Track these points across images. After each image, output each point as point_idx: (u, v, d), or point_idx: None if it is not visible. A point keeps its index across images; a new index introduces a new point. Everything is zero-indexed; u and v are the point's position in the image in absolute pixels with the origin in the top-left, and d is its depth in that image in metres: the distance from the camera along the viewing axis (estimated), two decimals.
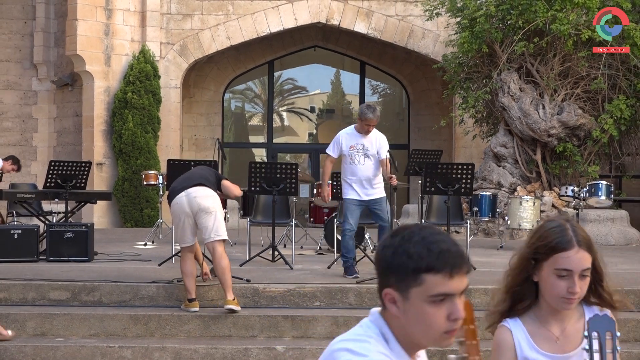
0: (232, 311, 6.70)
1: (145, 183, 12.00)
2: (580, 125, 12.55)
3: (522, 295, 2.42)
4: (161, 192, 11.77)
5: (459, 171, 8.80)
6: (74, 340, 6.59)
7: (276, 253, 8.64)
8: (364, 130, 7.97)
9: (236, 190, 7.30)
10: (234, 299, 6.74)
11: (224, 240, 6.91)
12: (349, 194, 7.90)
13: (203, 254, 7.54)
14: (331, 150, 8.11)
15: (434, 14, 13.73)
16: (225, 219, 7.46)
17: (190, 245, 6.89)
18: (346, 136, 8.09)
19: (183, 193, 6.83)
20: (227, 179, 7.27)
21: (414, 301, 1.65)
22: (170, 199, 7.02)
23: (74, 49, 15.04)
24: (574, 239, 2.33)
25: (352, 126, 8.23)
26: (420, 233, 1.70)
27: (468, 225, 9.38)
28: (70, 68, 15.78)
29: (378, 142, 7.98)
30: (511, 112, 12.76)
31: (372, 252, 9.82)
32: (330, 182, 9.40)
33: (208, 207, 6.79)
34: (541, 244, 2.35)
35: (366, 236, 9.98)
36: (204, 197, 6.81)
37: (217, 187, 7.06)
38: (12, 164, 11.37)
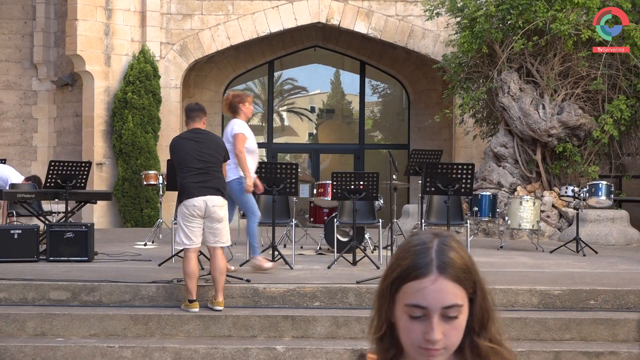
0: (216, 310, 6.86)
1: (145, 183, 12.00)
2: (580, 125, 12.55)
3: (385, 345, 1.65)
4: (161, 192, 11.77)
5: (459, 171, 8.80)
6: (74, 340, 6.59)
7: (276, 253, 8.64)
8: None
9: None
10: (222, 301, 6.86)
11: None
12: None
13: (201, 252, 7.54)
14: None
15: (434, 14, 13.73)
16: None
17: (196, 247, 6.90)
18: None
19: (202, 198, 6.81)
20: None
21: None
22: (185, 195, 6.88)
23: (74, 49, 15.05)
24: (434, 262, 1.54)
25: None
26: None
27: (468, 225, 9.38)
28: (70, 68, 15.78)
29: None
30: (511, 112, 12.76)
31: (372, 252, 9.82)
32: (331, 182, 9.41)
33: (222, 218, 6.93)
34: (397, 269, 1.58)
35: (366, 236, 9.98)
36: (220, 207, 6.90)
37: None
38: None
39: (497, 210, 10.95)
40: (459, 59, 13.66)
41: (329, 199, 9.98)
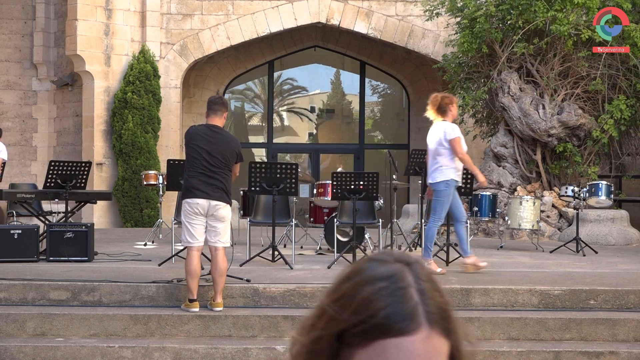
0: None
1: (145, 183, 11.99)
2: (580, 125, 12.56)
3: None
4: (161, 192, 11.77)
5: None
6: (74, 340, 6.59)
7: (276, 253, 8.64)
8: None
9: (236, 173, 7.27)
10: (221, 302, 6.86)
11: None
12: None
13: (202, 253, 7.54)
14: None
15: (434, 14, 13.74)
16: None
17: (199, 246, 6.89)
18: None
19: (206, 199, 6.80)
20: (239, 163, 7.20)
21: None
22: (188, 194, 6.87)
23: (74, 49, 15.04)
24: (419, 309, 1.10)
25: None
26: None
27: (468, 225, 9.38)
28: (70, 68, 15.78)
29: None
30: (511, 112, 12.77)
31: (372, 252, 9.83)
32: (331, 182, 9.40)
33: (224, 217, 6.90)
34: (355, 317, 1.09)
35: (366, 236, 9.98)
36: (223, 207, 6.89)
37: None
38: None
39: (497, 210, 10.95)
40: (459, 59, 13.66)
41: (329, 199, 9.98)
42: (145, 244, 10.99)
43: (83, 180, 9.70)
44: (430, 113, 8.07)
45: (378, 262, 1.14)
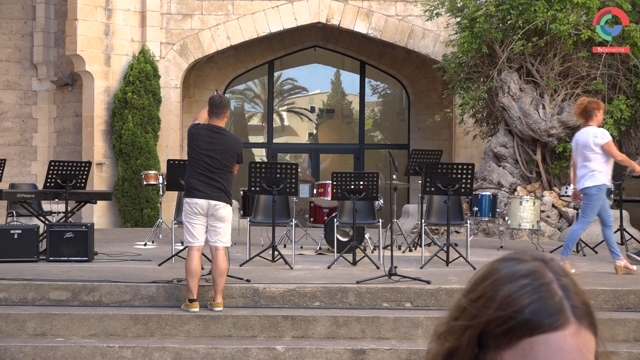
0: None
1: (145, 183, 11.99)
2: (580, 125, 12.55)
3: None
4: (161, 192, 11.77)
5: (459, 171, 8.80)
6: (74, 340, 6.59)
7: (276, 253, 8.64)
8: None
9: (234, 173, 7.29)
10: (221, 302, 6.86)
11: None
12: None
13: (202, 253, 7.54)
14: None
15: (434, 14, 13.73)
16: None
17: (199, 245, 6.90)
18: None
19: (205, 199, 6.81)
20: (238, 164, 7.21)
21: None
22: (189, 194, 6.89)
23: (74, 49, 15.05)
24: (565, 303, 1.07)
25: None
26: None
27: (468, 225, 9.38)
28: (70, 68, 15.78)
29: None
30: (511, 112, 12.77)
31: (372, 252, 9.83)
32: (331, 182, 9.40)
33: (224, 217, 6.91)
34: (499, 314, 1.07)
35: (366, 236, 9.98)
36: (223, 207, 6.89)
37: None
38: None
39: (497, 210, 10.94)
40: (459, 59, 13.66)
41: (329, 199, 9.98)
42: (145, 244, 10.99)
43: (83, 180, 9.70)
44: (577, 116, 8.43)
45: (514, 261, 1.12)
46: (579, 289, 1.10)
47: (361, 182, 8.77)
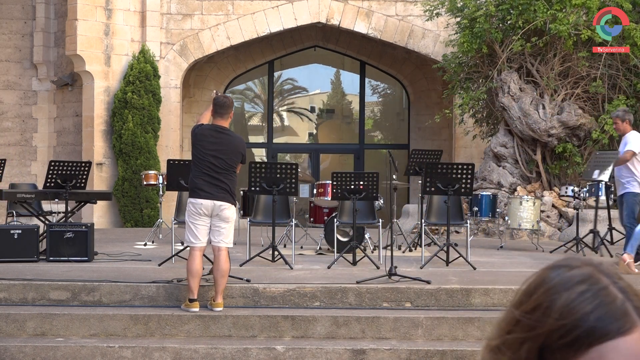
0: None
1: (145, 183, 11.99)
2: (580, 125, 12.56)
3: None
4: (161, 192, 11.77)
5: (459, 171, 8.80)
6: (74, 340, 6.59)
7: (276, 253, 8.64)
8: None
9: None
10: (221, 302, 6.86)
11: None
12: None
13: (204, 254, 7.54)
14: None
15: (434, 14, 13.74)
16: None
17: (201, 246, 6.90)
18: None
19: (210, 200, 6.81)
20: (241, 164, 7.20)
21: None
22: (193, 194, 6.88)
23: (74, 49, 15.05)
24: (630, 308, 1.03)
25: None
26: None
27: (468, 225, 9.38)
28: (70, 68, 15.78)
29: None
30: (511, 112, 12.77)
31: (372, 252, 9.82)
32: (331, 182, 9.40)
33: (229, 218, 6.92)
34: (561, 323, 1.02)
35: (366, 236, 9.98)
36: (228, 208, 6.90)
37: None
38: None
39: (497, 210, 10.94)
40: (459, 59, 13.67)
41: (329, 199, 9.98)
42: (145, 244, 10.99)
43: (83, 180, 9.70)
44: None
45: (565, 268, 1.07)
46: (636, 290, 1.06)
47: (361, 182, 8.77)
